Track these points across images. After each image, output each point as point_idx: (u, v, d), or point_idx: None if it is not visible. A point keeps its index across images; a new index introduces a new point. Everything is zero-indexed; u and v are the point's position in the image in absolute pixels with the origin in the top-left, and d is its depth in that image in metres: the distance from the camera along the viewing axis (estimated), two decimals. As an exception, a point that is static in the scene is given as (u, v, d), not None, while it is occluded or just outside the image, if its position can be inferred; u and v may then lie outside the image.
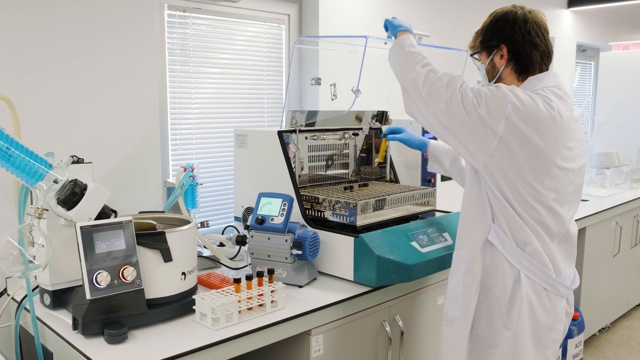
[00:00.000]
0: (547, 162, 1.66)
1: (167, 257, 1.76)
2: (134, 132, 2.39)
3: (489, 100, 1.65)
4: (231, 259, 2.38)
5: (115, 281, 1.65)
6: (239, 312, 1.77)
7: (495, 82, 1.81)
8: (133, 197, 2.39)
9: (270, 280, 1.91)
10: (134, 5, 2.34)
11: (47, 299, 1.86)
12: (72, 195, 1.69)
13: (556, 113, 1.67)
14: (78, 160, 1.83)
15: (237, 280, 1.83)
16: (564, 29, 5.27)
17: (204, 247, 2.36)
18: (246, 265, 2.34)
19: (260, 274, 1.89)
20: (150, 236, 1.76)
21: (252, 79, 3.00)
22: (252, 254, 2.13)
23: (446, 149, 2.29)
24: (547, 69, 1.82)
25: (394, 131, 2.41)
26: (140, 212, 2.10)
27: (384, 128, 2.53)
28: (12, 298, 1.97)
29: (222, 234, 2.65)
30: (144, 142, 2.43)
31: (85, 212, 1.71)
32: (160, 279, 1.77)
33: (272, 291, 1.85)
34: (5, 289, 2.03)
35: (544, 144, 1.65)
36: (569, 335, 3.21)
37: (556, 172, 1.69)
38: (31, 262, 1.69)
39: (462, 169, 2.20)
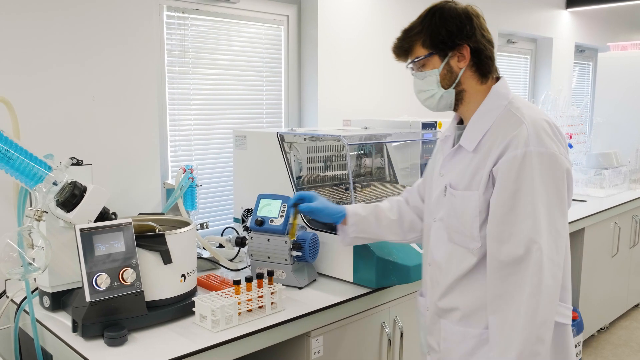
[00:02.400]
0: None
1: (166, 259, 1.76)
2: (133, 133, 2.39)
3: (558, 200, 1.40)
4: (230, 260, 2.38)
5: (115, 283, 1.65)
6: (239, 314, 1.76)
7: (454, 88, 1.53)
8: (132, 198, 2.38)
9: (270, 282, 1.90)
10: (132, 6, 2.33)
11: (47, 301, 1.86)
12: (71, 197, 1.69)
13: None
14: (77, 162, 1.83)
15: (236, 282, 1.83)
16: (562, 29, 5.28)
17: (203, 248, 2.36)
18: (246, 267, 2.34)
19: (260, 276, 1.89)
20: (150, 238, 1.76)
21: (251, 80, 2.99)
22: (251, 255, 2.13)
23: (368, 209, 1.86)
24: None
25: (303, 198, 1.87)
26: (139, 214, 2.10)
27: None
28: (12, 300, 1.96)
29: (222, 235, 2.64)
30: (143, 144, 2.43)
31: (84, 214, 1.71)
32: (160, 281, 1.77)
33: (271, 293, 1.85)
34: (5, 291, 2.03)
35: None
36: (568, 335, 3.21)
37: None
38: (30, 264, 1.68)
39: (399, 220, 1.84)
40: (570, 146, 4.99)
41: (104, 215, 1.79)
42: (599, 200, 3.91)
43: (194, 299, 1.77)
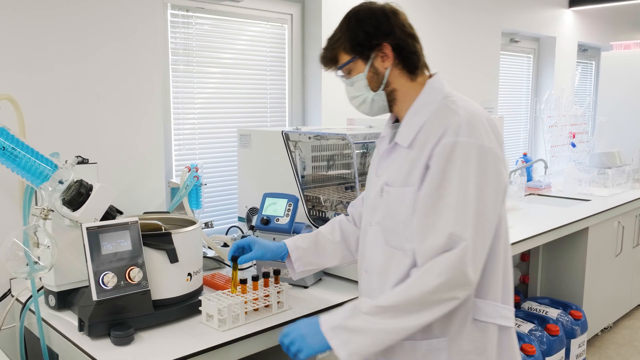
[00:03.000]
0: None
1: (173, 258, 1.75)
2: (138, 132, 2.38)
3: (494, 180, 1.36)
4: (235, 259, 2.37)
5: (122, 282, 1.64)
6: (245, 313, 1.76)
7: (383, 89, 1.49)
8: (137, 197, 2.38)
9: (276, 281, 1.90)
10: (137, 4, 2.33)
11: (52, 300, 1.85)
12: (77, 196, 1.68)
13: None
14: (83, 161, 1.82)
15: (243, 281, 1.82)
16: (565, 28, 5.27)
17: (209, 247, 2.36)
18: (251, 266, 2.33)
19: (266, 275, 1.88)
20: (157, 237, 1.75)
21: (255, 78, 2.99)
22: (257, 254, 2.12)
23: (308, 239, 1.77)
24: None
25: (242, 247, 1.77)
26: (144, 213, 2.09)
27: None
28: (17, 299, 1.96)
29: (226, 234, 2.64)
30: (148, 142, 2.42)
31: (90, 213, 1.70)
32: (167, 280, 1.76)
33: (278, 292, 1.85)
34: (10, 290, 2.02)
35: None
36: (572, 335, 3.20)
37: None
38: (36, 263, 1.68)
39: (343, 241, 1.77)
40: (573, 145, 4.98)
41: (110, 213, 1.78)
42: (603, 200, 3.91)
43: (200, 297, 1.77)
